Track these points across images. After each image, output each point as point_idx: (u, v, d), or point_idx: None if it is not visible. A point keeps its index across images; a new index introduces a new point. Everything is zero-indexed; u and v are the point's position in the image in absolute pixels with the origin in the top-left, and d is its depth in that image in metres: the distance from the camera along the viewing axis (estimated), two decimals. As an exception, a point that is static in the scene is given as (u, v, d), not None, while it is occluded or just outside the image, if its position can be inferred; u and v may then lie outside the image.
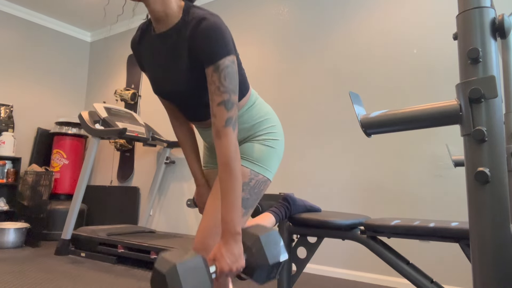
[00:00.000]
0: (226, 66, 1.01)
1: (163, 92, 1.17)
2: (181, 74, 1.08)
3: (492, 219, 0.77)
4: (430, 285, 1.29)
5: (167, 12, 1.06)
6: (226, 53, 1.01)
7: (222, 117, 1.00)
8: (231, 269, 0.96)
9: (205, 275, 0.91)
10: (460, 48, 0.85)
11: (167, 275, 0.86)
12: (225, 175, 1.00)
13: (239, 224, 0.99)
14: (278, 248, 1.02)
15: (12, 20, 4.78)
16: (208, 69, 1.02)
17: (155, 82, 1.18)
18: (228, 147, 1.00)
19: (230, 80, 1.01)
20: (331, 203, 3.14)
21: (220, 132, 1.00)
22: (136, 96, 4.72)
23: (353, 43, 3.23)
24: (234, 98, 1.02)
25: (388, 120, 0.94)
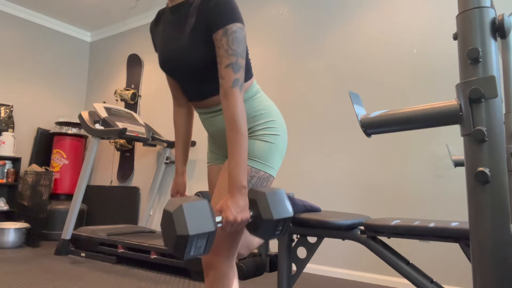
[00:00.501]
0: (234, 31, 1.06)
1: (168, 64, 1.21)
2: (188, 42, 1.12)
3: (492, 219, 0.77)
4: (430, 285, 1.29)
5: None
6: (235, 19, 1.07)
7: (230, 79, 1.05)
8: (236, 218, 1.01)
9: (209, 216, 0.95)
10: (460, 48, 0.85)
11: (173, 213, 0.92)
12: (232, 133, 1.04)
13: (245, 178, 1.04)
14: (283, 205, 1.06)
15: (12, 20, 4.78)
16: (217, 33, 1.07)
17: (162, 54, 1.22)
18: (235, 106, 1.05)
19: (238, 44, 1.06)
20: (331, 203, 3.14)
21: (227, 93, 1.05)
22: (136, 96, 4.72)
23: (353, 43, 3.23)
24: (241, 62, 1.07)
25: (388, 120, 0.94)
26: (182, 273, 2.95)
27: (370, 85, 3.09)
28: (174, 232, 0.91)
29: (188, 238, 0.90)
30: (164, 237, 0.96)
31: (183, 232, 0.90)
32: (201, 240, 0.93)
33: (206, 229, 0.94)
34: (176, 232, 0.90)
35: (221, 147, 1.31)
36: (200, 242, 0.94)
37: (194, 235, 0.91)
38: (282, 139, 1.25)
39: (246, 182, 1.05)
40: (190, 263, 2.78)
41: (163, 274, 2.90)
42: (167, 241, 0.94)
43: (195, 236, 0.91)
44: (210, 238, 0.96)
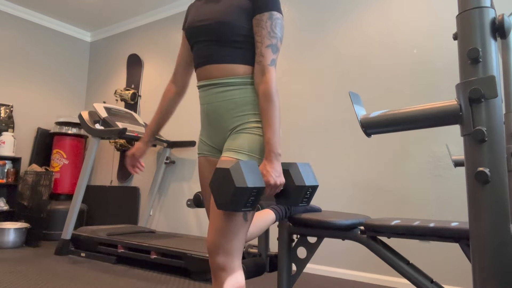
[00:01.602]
0: (278, 17, 1.19)
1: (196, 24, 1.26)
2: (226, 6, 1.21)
3: (492, 219, 0.77)
4: (430, 285, 1.29)
5: None
6: (279, 9, 1.21)
7: (269, 57, 1.17)
8: (276, 182, 1.11)
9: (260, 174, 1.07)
10: (460, 48, 0.85)
11: (231, 169, 1.01)
12: (268, 105, 1.16)
13: (280, 146, 1.15)
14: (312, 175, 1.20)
15: (12, 20, 4.78)
16: (262, 15, 1.18)
17: (194, 17, 1.28)
18: (271, 81, 1.16)
19: (279, 29, 1.20)
20: (331, 203, 3.14)
21: (265, 69, 1.17)
22: (136, 96, 4.72)
23: (353, 43, 3.23)
24: (279, 45, 1.20)
25: (388, 120, 0.94)
26: (182, 273, 2.95)
27: (370, 85, 3.09)
28: (233, 185, 0.99)
29: (247, 189, 1.00)
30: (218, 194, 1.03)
31: (242, 184, 0.99)
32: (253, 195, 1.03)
33: (259, 184, 1.04)
34: (235, 185, 0.99)
35: (214, 136, 1.27)
36: (252, 197, 1.03)
37: (252, 188, 1.01)
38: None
39: (280, 149, 1.15)
40: (190, 263, 2.78)
41: (163, 274, 2.90)
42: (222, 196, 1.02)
43: (252, 189, 1.01)
44: (260, 194, 1.05)
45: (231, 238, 1.12)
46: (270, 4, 1.18)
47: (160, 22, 4.77)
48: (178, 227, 4.12)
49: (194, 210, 4.03)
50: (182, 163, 4.23)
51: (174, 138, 4.34)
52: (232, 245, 1.13)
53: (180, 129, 4.29)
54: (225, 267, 1.12)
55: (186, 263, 2.80)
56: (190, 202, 3.10)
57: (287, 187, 1.16)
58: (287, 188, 1.16)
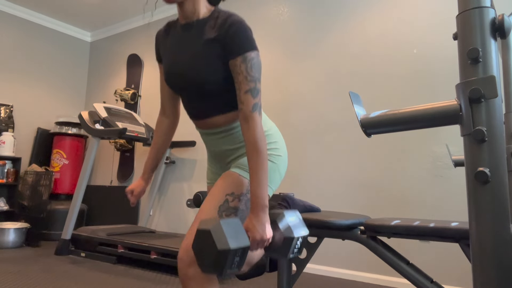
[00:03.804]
0: (252, 58, 1.11)
1: (174, 78, 1.21)
2: (200, 60, 1.15)
3: (492, 219, 0.77)
4: (430, 285, 1.29)
5: (196, 11, 1.18)
6: (252, 47, 1.11)
7: (249, 103, 1.10)
8: (262, 237, 1.04)
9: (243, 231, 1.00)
10: (460, 48, 0.85)
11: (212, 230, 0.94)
12: (254, 154, 1.09)
13: (267, 198, 1.08)
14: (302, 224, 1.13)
15: (12, 20, 4.78)
16: (235, 60, 1.11)
17: (170, 68, 1.22)
18: (255, 129, 1.10)
19: (256, 70, 1.12)
20: (331, 203, 3.14)
21: (247, 117, 1.10)
22: (136, 96, 4.72)
23: (353, 43, 3.23)
24: (259, 86, 1.12)
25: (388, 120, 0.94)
26: (182, 273, 2.95)
27: (370, 85, 3.09)
28: (215, 248, 0.92)
29: (230, 252, 0.93)
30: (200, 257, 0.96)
31: (224, 246, 0.92)
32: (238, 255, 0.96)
33: (243, 243, 0.97)
34: (217, 247, 0.92)
35: (223, 166, 1.33)
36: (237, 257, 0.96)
37: (235, 249, 0.94)
38: (284, 160, 1.27)
39: (267, 201, 1.08)
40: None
41: (163, 274, 2.90)
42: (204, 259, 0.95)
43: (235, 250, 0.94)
44: (245, 253, 0.99)
45: None
46: (242, 47, 1.09)
47: (160, 22, 4.77)
48: (178, 227, 4.12)
49: (194, 210, 4.03)
50: (182, 163, 4.23)
51: (174, 138, 4.34)
52: None
53: (180, 129, 4.29)
54: (195, 277, 1.07)
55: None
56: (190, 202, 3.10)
57: (275, 239, 1.09)
58: (275, 240, 1.09)
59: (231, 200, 1.14)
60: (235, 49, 1.10)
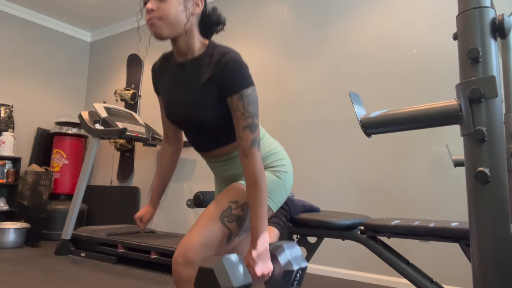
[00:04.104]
0: (249, 94, 1.11)
1: (175, 116, 1.22)
2: (199, 100, 1.15)
3: (492, 219, 0.77)
4: (430, 285, 1.29)
5: (190, 47, 1.16)
6: (248, 83, 1.11)
7: (248, 139, 1.11)
8: (263, 272, 1.05)
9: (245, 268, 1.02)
10: (460, 48, 0.85)
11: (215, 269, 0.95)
12: (254, 191, 1.09)
13: (267, 232, 1.10)
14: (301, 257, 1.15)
15: (12, 20, 4.78)
16: (232, 98, 1.11)
17: (169, 106, 1.23)
18: (255, 165, 1.10)
19: (252, 106, 1.12)
20: (331, 203, 3.14)
21: (247, 152, 1.11)
22: (136, 96, 4.72)
23: (353, 43, 3.23)
24: (256, 121, 1.13)
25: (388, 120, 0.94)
26: (182, 273, 2.95)
27: (370, 85, 3.09)
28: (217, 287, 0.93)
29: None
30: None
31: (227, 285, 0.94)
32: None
33: (246, 281, 0.99)
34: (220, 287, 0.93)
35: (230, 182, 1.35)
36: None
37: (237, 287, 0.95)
38: (290, 177, 1.29)
39: (268, 236, 1.10)
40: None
41: (163, 274, 2.90)
42: None
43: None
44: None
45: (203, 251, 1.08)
46: (237, 85, 1.09)
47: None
48: (178, 227, 4.12)
49: (194, 210, 4.03)
50: (182, 163, 4.22)
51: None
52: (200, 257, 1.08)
53: (180, 129, 4.29)
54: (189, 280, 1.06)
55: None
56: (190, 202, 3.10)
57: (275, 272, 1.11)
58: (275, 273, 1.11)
59: (234, 207, 1.15)
60: (231, 88, 1.10)
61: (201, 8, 1.15)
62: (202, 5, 1.15)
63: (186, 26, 1.12)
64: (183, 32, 1.12)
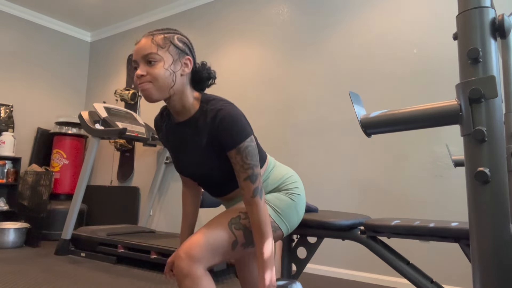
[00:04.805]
0: (246, 147, 1.14)
1: (185, 172, 1.27)
2: (201, 157, 1.20)
3: (492, 219, 0.77)
4: (430, 285, 1.29)
5: (185, 105, 1.19)
6: (245, 136, 1.14)
7: (250, 190, 1.14)
8: None
9: None
10: (460, 48, 0.85)
11: None
12: (259, 238, 1.13)
13: (274, 277, 1.13)
14: None
15: (12, 20, 4.78)
16: (230, 152, 1.15)
17: (177, 162, 1.28)
18: (258, 214, 1.14)
19: (251, 157, 1.15)
20: (331, 203, 3.14)
21: (250, 202, 1.14)
22: (136, 96, 4.72)
23: (353, 43, 3.23)
24: (257, 171, 1.16)
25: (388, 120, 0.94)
26: (182, 273, 2.95)
27: (370, 85, 3.09)
28: None
29: None
30: None
31: None
32: None
33: None
34: None
35: None
36: None
37: None
38: (302, 200, 1.33)
39: (275, 281, 1.13)
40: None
41: (163, 274, 2.90)
42: None
43: None
44: None
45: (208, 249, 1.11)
46: (233, 141, 1.13)
47: (160, 22, 4.77)
48: (178, 227, 4.12)
49: (194, 210, 4.03)
50: (182, 163, 4.22)
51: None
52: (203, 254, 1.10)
53: (180, 129, 4.29)
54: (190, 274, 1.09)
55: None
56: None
57: None
58: None
59: (243, 217, 1.19)
60: (228, 143, 1.13)
61: (190, 68, 1.18)
62: (191, 64, 1.19)
63: (173, 89, 1.15)
64: (173, 94, 1.16)
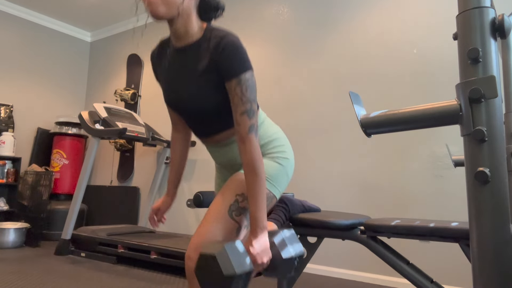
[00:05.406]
0: (247, 79, 1.09)
1: (174, 103, 1.21)
2: (198, 86, 1.14)
3: (492, 219, 0.77)
4: (430, 285, 1.29)
5: (188, 31, 1.14)
6: (247, 68, 1.09)
7: (246, 125, 1.09)
8: (263, 260, 1.04)
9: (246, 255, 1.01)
10: (460, 48, 0.85)
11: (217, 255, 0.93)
12: (251, 177, 1.08)
13: (266, 220, 1.09)
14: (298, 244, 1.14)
15: (12, 20, 4.78)
16: (230, 82, 1.09)
17: (168, 92, 1.22)
18: (252, 151, 1.08)
19: (251, 91, 1.11)
20: (331, 203, 3.14)
21: (244, 138, 1.09)
22: (136, 96, 4.72)
23: (353, 43, 3.23)
24: (254, 107, 1.11)
25: (388, 120, 0.94)
26: (182, 273, 2.95)
27: (370, 85, 3.09)
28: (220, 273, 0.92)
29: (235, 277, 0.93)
30: (203, 281, 0.96)
31: (230, 272, 0.93)
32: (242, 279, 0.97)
33: (247, 268, 0.98)
34: (223, 273, 0.92)
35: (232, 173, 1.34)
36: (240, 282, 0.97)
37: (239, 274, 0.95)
38: (291, 164, 1.28)
39: (266, 223, 1.09)
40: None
41: (163, 274, 2.90)
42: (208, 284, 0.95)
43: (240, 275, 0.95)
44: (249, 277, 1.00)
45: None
46: (237, 68, 1.08)
47: (160, 22, 4.77)
48: (178, 227, 4.12)
49: (194, 210, 4.03)
50: (182, 163, 4.22)
51: (174, 138, 4.34)
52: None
53: (180, 129, 4.29)
54: None
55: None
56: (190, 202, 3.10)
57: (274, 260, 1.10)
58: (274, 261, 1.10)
59: (241, 200, 1.15)
60: (229, 72, 1.08)
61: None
62: None
63: (182, 7, 1.09)
64: (179, 14, 1.10)
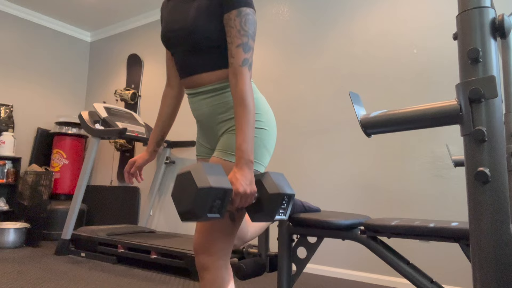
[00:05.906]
0: (247, 13, 1.10)
1: (168, 34, 1.21)
2: (194, 12, 1.15)
3: (492, 219, 0.77)
4: (430, 285, 1.29)
5: None
6: (249, 4, 1.11)
7: (240, 58, 1.09)
8: (245, 190, 1.01)
9: (225, 175, 0.97)
10: (460, 48, 0.85)
11: (192, 171, 0.91)
12: (240, 109, 1.06)
13: (252, 153, 1.05)
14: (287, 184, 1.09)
15: (12, 20, 4.78)
16: (230, 13, 1.10)
17: (166, 24, 1.23)
18: (243, 84, 1.08)
19: (250, 26, 1.11)
20: (331, 203, 3.14)
21: (236, 71, 1.09)
22: (136, 96, 4.72)
23: (353, 43, 3.23)
24: (251, 43, 1.11)
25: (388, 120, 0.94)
26: (182, 273, 2.95)
27: (370, 85, 3.09)
28: (195, 187, 0.89)
29: (210, 189, 0.90)
30: (179, 200, 0.93)
31: (204, 184, 0.89)
32: (218, 198, 0.93)
33: (224, 185, 0.93)
34: (197, 186, 0.89)
35: (209, 138, 1.27)
36: (217, 200, 0.93)
37: (215, 188, 0.90)
38: (269, 134, 1.20)
39: (253, 157, 1.06)
40: (190, 263, 2.78)
41: (163, 274, 2.90)
42: (184, 202, 0.91)
43: (216, 189, 0.91)
44: (227, 198, 0.95)
45: (216, 238, 1.11)
46: (237, 1, 1.09)
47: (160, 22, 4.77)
48: (178, 227, 4.12)
49: (194, 210, 4.03)
50: (182, 163, 4.23)
51: (174, 138, 4.34)
52: (216, 246, 1.11)
53: (180, 129, 4.29)
54: (208, 267, 1.10)
55: (186, 263, 2.80)
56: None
57: (260, 199, 1.05)
58: (260, 200, 1.05)
59: None
60: (230, 2, 1.09)
61: None
62: None
63: None
64: None
